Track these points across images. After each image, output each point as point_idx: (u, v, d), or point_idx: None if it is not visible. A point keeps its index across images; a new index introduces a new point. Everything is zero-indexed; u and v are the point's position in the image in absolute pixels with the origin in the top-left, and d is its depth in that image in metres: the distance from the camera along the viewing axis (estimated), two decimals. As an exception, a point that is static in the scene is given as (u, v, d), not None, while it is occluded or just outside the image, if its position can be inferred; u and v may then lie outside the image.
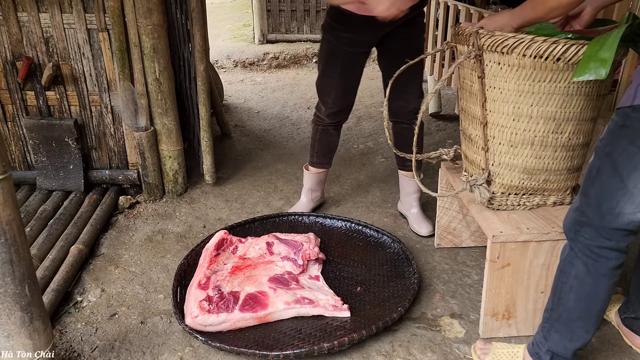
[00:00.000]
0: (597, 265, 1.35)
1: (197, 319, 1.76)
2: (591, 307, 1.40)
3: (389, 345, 1.78)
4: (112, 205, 2.63)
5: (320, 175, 2.56)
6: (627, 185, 1.25)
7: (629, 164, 1.24)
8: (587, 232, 1.35)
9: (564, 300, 1.43)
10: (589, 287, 1.37)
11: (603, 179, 1.30)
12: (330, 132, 2.43)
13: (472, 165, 1.86)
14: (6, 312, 1.43)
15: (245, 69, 5.60)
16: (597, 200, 1.31)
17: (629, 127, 1.23)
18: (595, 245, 1.34)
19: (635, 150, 1.23)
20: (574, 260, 1.39)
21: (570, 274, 1.40)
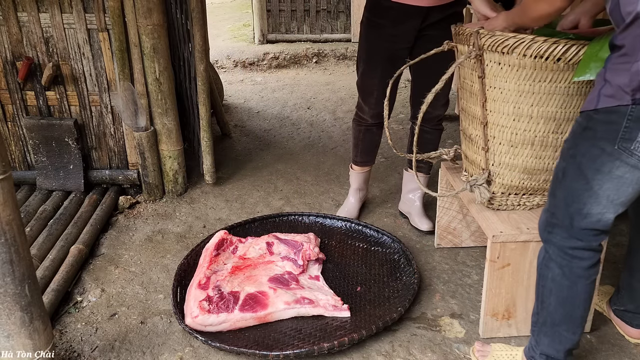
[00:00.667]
0: (571, 266, 1.36)
1: (197, 319, 1.76)
2: (573, 309, 1.41)
3: (389, 345, 1.78)
4: (112, 205, 2.63)
5: (366, 173, 2.55)
6: (592, 187, 1.27)
7: (593, 165, 1.25)
8: (558, 233, 1.36)
9: (546, 304, 1.45)
10: (567, 290, 1.38)
11: (569, 180, 1.31)
12: (373, 132, 2.42)
13: (472, 165, 1.86)
14: (6, 312, 1.43)
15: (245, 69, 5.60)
16: (565, 202, 1.33)
17: (591, 129, 1.25)
18: (567, 246, 1.35)
19: (597, 152, 1.24)
20: (549, 263, 1.40)
21: (548, 278, 1.41)
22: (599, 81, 1.24)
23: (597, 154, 1.24)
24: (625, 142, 1.19)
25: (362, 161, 2.50)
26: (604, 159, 1.23)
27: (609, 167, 1.23)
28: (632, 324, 1.74)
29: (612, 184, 1.25)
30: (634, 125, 1.17)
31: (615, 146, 1.20)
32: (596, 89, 1.23)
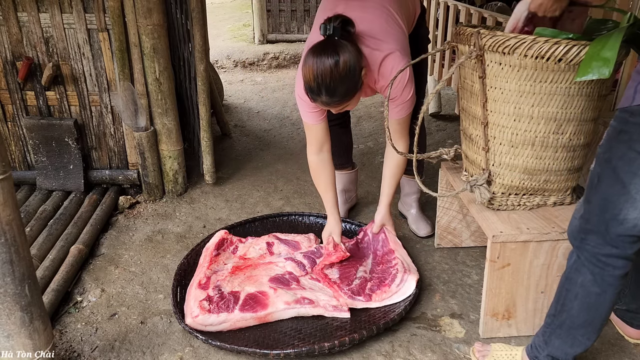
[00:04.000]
0: (603, 274, 1.34)
1: (198, 318, 1.76)
2: (595, 316, 1.39)
3: (389, 345, 1.78)
4: (112, 205, 2.63)
5: (350, 175, 2.55)
6: (629, 191, 1.24)
7: (630, 169, 1.23)
8: (592, 240, 1.33)
9: (567, 307, 1.42)
10: (595, 297, 1.36)
11: (605, 186, 1.29)
12: (336, 131, 2.42)
13: (473, 165, 1.86)
14: (6, 312, 1.43)
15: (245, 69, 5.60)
16: (600, 208, 1.30)
17: (627, 132, 1.23)
18: (602, 253, 1.32)
19: (634, 155, 1.22)
20: (580, 269, 1.37)
21: (577, 282, 1.39)
22: (635, 77, 1.20)
23: (634, 157, 1.21)
24: None
25: (338, 163, 2.49)
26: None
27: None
28: (633, 324, 1.74)
29: None
30: None
31: None
32: (632, 85, 1.20)
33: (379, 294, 1.92)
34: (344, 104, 1.79)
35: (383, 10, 1.90)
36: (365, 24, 1.84)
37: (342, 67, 1.66)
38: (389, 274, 2.01)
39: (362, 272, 2.05)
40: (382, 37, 1.84)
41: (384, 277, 2.00)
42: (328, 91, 1.70)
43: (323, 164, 2.10)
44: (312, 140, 2.06)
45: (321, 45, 1.70)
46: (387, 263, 2.06)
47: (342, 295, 1.90)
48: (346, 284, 1.97)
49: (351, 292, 1.92)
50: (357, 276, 2.03)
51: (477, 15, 3.14)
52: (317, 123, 2.00)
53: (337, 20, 1.71)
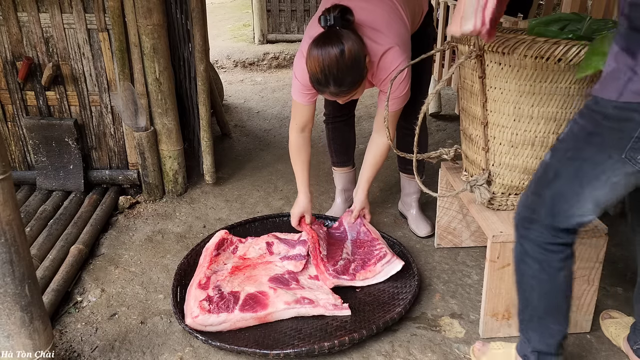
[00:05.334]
0: (549, 260, 1.36)
1: (198, 318, 1.76)
2: (556, 301, 1.41)
3: (389, 345, 1.78)
4: (112, 205, 2.63)
5: (349, 174, 2.56)
6: (584, 191, 1.25)
7: (593, 172, 1.23)
8: (537, 229, 1.35)
9: (529, 300, 1.44)
10: (547, 283, 1.38)
11: (561, 183, 1.28)
12: (341, 129, 2.42)
13: (473, 165, 1.86)
14: (6, 312, 1.43)
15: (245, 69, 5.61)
16: (552, 202, 1.31)
17: (599, 135, 1.20)
18: (545, 242, 1.34)
19: (602, 158, 1.20)
20: (525, 259, 1.40)
21: (527, 274, 1.41)
22: (625, 70, 1.13)
23: (602, 160, 1.21)
24: (633, 152, 1.16)
25: (339, 162, 2.50)
26: (606, 166, 1.20)
27: (608, 174, 1.21)
28: None
29: (605, 190, 1.24)
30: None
31: (623, 155, 1.17)
32: (622, 78, 1.13)
33: (363, 273, 2.02)
34: (351, 93, 1.79)
35: (387, 2, 1.89)
36: (367, 14, 1.83)
37: (347, 56, 1.66)
38: (372, 255, 2.09)
39: (345, 254, 2.13)
40: (383, 29, 1.84)
41: (368, 258, 2.09)
42: (336, 81, 1.70)
43: (304, 143, 2.13)
44: (296, 119, 2.08)
45: (324, 36, 1.70)
46: (369, 246, 2.14)
47: (328, 276, 1.97)
48: (332, 264, 2.04)
49: (336, 272, 2.00)
50: (342, 257, 2.11)
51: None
52: (307, 104, 2.02)
53: (336, 9, 1.71)
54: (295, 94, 2.01)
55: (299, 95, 2.00)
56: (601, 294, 1.95)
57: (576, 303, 1.76)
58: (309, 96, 1.99)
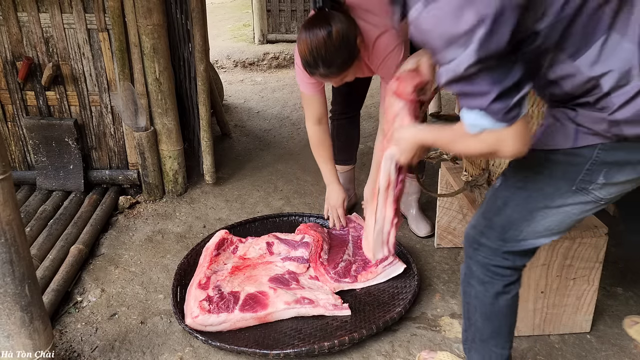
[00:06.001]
0: (493, 283, 1.34)
1: (198, 319, 1.76)
2: (500, 325, 1.39)
3: (389, 345, 1.78)
4: (112, 205, 2.63)
5: (348, 173, 2.56)
6: (534, 218, 1.24)
7: (542, 202, 1.22)
8: (485, 251, 1.33)
9: (472, 320, 1.43)
10: (490, 306, 1.37)
11: (511, 211, 1.27)
12: (345, 126, 2.42)
13: (473, 165, 1.86)
14: (6, 312, 1.43)
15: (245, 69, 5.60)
16: (502, 229, 1.29)
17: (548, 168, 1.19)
18: (492, 264, 1.32)
19: (551, 190, 1.20)
20: (470, 280, 1.38)
21: (471, 295, 1.39)
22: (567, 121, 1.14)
23: (551, 192, 1.20)
24: (583, 184, 1.16)
25: (342, 159, 2.50)
26: (556, 196, 1.20)
27: (559, 203, 1.21)
28: None
29: (557, 218, 1.23)
30: (597, 169, 1.14)
31: (573, 187, 1.17)
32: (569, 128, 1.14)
33: (364, 274, 2.02)
34: (342, 75, 1.77)
35: None
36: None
37: (335, 37, 1.65)
38: None
39: (346, 255, 2.13)
40: (376, 11, 1.82)
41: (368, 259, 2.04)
42: (325, 63, 1.69)
43: (323, 135, 2.11)
44: (308, 112, 2.07)
45: (312, 19, 1.70)
46: None
47: (329, 280, 1.98)
48: (332, 266, 2.04)
49: (337, 276, 2.00)
50: (343, 259, 2.10)
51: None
52: (313, 94, 2.01)
53: None
54: (302, 85, 2.02)
55: (305, 86, 2.00)
56: (601, 294, 1.95)
57: (576, 303, 1.76)
58: (315, 85, 1.99)
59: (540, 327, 1.79)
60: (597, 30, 1.02)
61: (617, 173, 1.14)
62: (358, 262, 2.09)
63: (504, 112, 1.00)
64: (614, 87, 1.04)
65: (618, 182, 1.15)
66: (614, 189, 1.17)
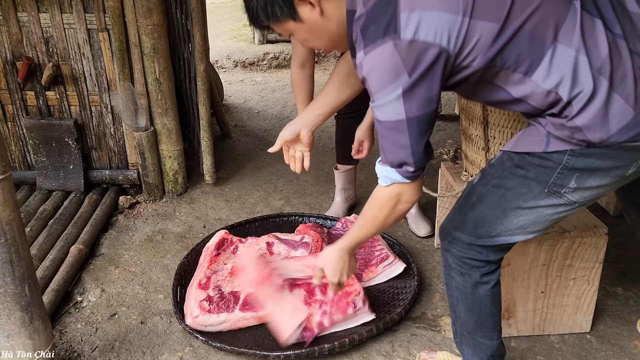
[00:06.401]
0: (470, 273, 1.36)
1: (198, 319, 1.76)
2: (482, 315, 1.40)
3: (389, 345, 1.78)
4: (112, 205, 2.63)
5: (350, 173, 2.56)
6: (507, 216, 1.26)
7: (516, 201, 1.24)
8: (459, 244, 1.35)
9: (457, 313, 1.45)
10: (471, 297, 1.38)
11: (485, 207, 1.29)
12: (350, 125, 2.42)
13: (473, 166, 1.86)
14: (6, 312, 1.43)
15: (245, 69, 5.60)
16: (475, 224, 1.31)
17: (523, 168, 1.21)
18: (467, 257, 1.34)
19: (525, 190, 1.22)
20: (450, 272, 1.40)
21: (452, 287, 1.41)
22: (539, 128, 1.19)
23: (524, 192, 1.22)
24: (555, 187, 1.18)
25: (344, 158, 2.51)
26: (529, 197, 1.22)
27: (532, 204, 1.22)
28: None
29: (530, 217, 1.24)
30: (568, 173, 1.16)
31: (545, 189, 1.19)
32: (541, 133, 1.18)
33: (364, 274, 2.02)
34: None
35: None
36: None
37: None
38: (373, 256, 2.08)
39: None
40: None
41: (369, 259, 2.08)
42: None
43: (305, 80, 2.13)
44: (295, 55, 2.09)
45: None
46: (370, 247, 2.13)
47: None
48: None
49: None
50: None
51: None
52: None
53: None
54: None
55: None
56: (601, 294, 1.95)
57: (576, 303, 1.76)
58: None
59: (540, 327, 1.79)
60: (543, 45, 1.06)
61: (588, 178, 1.16)
62: (358, 262, 2.09)
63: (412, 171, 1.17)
64: (571, 95, 1.08)
65: (591, 186, 1.17)
66: (587, 193, 1.19)
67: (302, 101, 2.14)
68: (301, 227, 2.23)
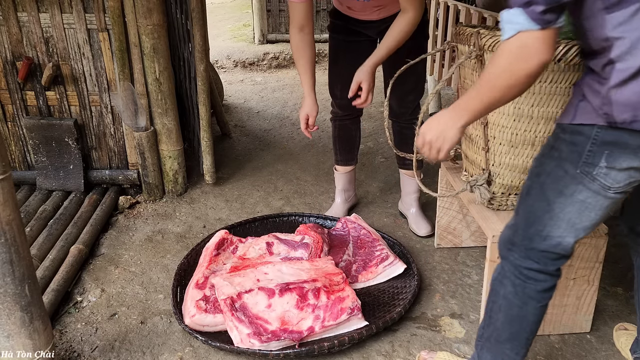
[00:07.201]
0: (524, 286, 1.32)
1: (195, 318, 1.76)
2: (520, 330, 1.38)
3: (389, 345, 1.78)
4: (112, 205, 2.63)
5: (350, 174, 2.56)
6: (553, 209, 1.23)
7: (556, 187, 1.22)
8: (516, 252, 1.32)
9: (493, 319, 1.41)
10: (517, 309, 1.35)
11: (532, 200, 1.27)
12: (348, 127, 2.43)
13: (473, 165, 1.86)
14: (6, 312, 1.43)
15: (245, 69, 5.60)
16: (526, 222, 1.29)
17: (557, 149, 1.21)
18: (523, 266, 1.31)
19: (561, 173, 1.21)
20: (503, 280, 1.37)
21: (500, 294, 1.38)
22: (576, 93, 1.19)
23: (561, 175, 1.21)
24: (587, 167, 1.17)
25: (343, 160, 2.51)
26: (567, 181, 1.20)
27: (571, 190, 1.20)
28: None
29: (574, 208, 1.22)
30: (598, 150, 1.14)
31: (577, 170, 1.18)
32: (573, 101, 1.19)
33: (364, 274, 2.03)
34: None
35: None
36: None
37: None
38: (373, 256, 2.09)
39: (346, 255, 2.14)
40: None
41: (369, 259, 2.09)
42: None
43: (304, 44, 2.11)
44: (293, 19, 2.08)
45: None
46: (370, 247, 2.14)
47: None
48: None
49: None
50: (343, 259, 2.11)
51: (477, 15, 3.14)
52: (300, 1, 2.02)
53: None
54: None
55: None
56: (601, 294, 1.95)
57: (576, 303, 1.76)
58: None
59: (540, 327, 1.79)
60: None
61: (618, 157, 1.13)
62: (358, 263, 2.09)
63: (541, 10, 1.03)
64: (620, 55, 1.05)
65: (621, 167, 1.14)
66: (620, 176, 1.16)
67: (304, 66, 2.13)
68: (301, 227, 2.23)
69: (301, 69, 2.14)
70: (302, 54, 2.11)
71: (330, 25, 2.28)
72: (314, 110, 2.16)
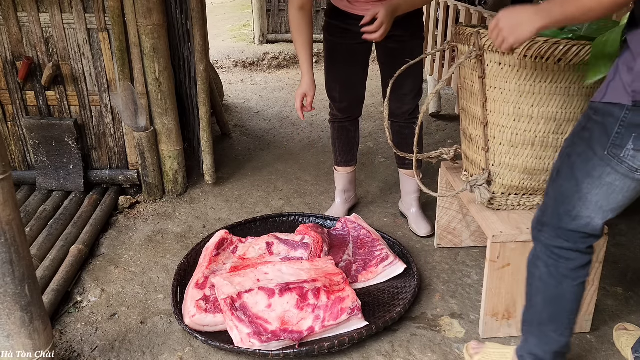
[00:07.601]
0: (557, 265, 1.35)
1: (195, 318, 1.76)
2: (560, 309, 1.39)
3: (389, 345, 1.78)
4: (112, 205, 2.63)
5: (350, 174, 2.56)
6: (582, 190, 1.25)
7: (584, 168, 1.24)
8: (547, 231, 1.35)
9: (533, 303, 1.43)
10: (554, 289, 1.37)
11: (561, 180, 1.30)
12: (347, 128, 2.43)
13: (473, 165, 1.86)
14: (6, 312, 1.43)
15: (245, 69, 5.60)
16: (556, 202, 1.31)
17: (588, 129, 1.23)
18: (554, 245, 1.34)
19: (591, 154, 1.22)
20: (536, 262, 1.39)
21: (535, 276, 1.40)
22: (612, 71, 1.21)
23: (590, 156, 1.23)
24: (615, 149, 1.18)
25: (343, 161, 2.51)
26: (595, 162, 1.22)
27: (599, 172, 1.22)
28: None
29: (601, 190, 1.23)
30: (626, 132, 1.16)
31: (605, 151, 1.19)
32: (608, 79, 1.21)
33: (364, 274, 2.03)
34: None
35: None
36: None
37: None
38: (373, 256, 2.09)
39: (346, 255, 2.14)
40: None
41: (369, 259, 2.09)
42: None
43: (304, 22, 2.10)
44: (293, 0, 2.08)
45: None
46: (370, 247, 2.14)
47: None
48: None
49: None
50: (343, 259, 2.11)
51: (477, 15, 3.14)
52: None
53: None
54: None
55: None
56: (601, 294, 1.95)
57: (576, 303, 1.76)
58: None
59: (540, 327, 1.79)
60: None
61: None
62: (358, 263, 2.09)
63: None
64: None
65: None
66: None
67: (303, 45, 2.12)
68: (302, 227, 2.23)
69: (300, 47, 2.13)
70: (301, 32, 2.10)
71: (326, 26, 2.25)
72: (311, 90, 2.15)
